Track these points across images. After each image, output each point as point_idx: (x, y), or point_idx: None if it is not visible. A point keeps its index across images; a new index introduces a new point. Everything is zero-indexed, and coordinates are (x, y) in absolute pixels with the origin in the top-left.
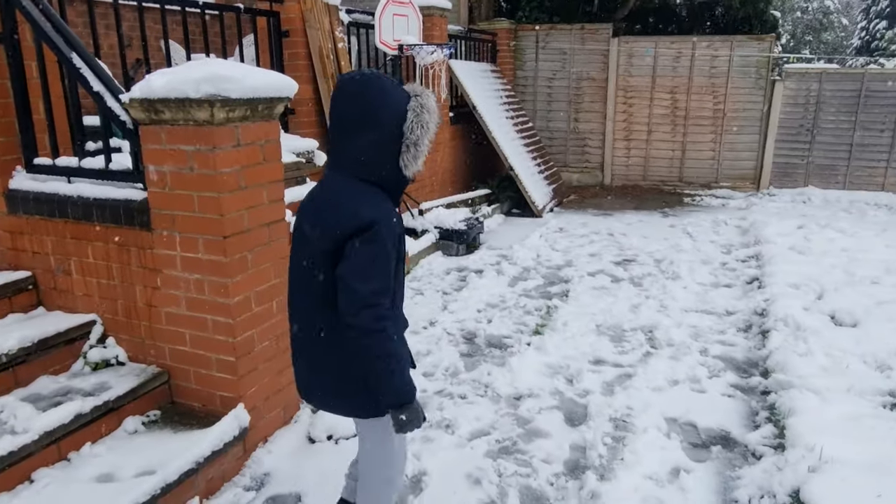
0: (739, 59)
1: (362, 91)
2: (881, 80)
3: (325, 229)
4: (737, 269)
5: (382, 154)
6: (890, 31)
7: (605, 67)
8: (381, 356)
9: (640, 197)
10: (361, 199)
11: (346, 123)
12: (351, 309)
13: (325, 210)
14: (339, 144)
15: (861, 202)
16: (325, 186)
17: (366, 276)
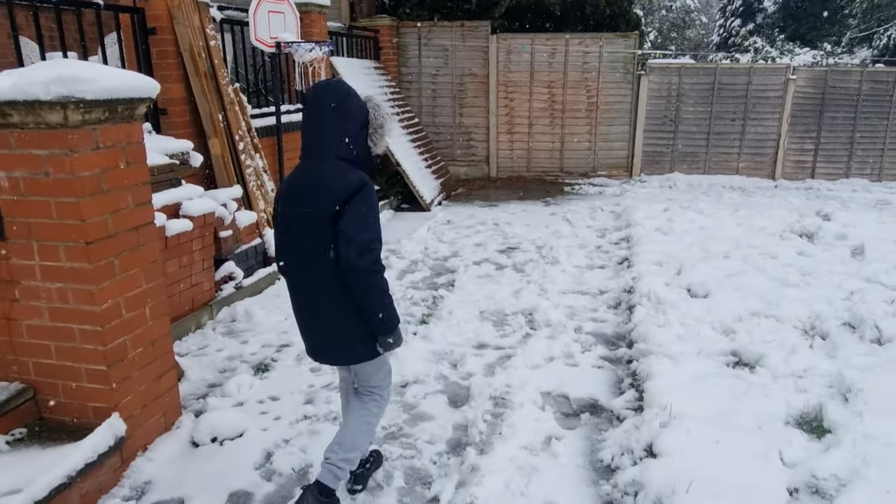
0: (608, 55)
1: (337, 93)
2: (731, 74)
3: (327, 199)
4: (610, 251)
5: (357, 138)
6: (744, 28)
7: (486, 64)
8: (380, 292)
9: (525, 187)
10: (347, 171)
11: (326, 118)
12: (353, 255)
13: (324, 185)
14: (318, 135)
15: (718, 185)
16: (313, 169)
17: (363, 227)
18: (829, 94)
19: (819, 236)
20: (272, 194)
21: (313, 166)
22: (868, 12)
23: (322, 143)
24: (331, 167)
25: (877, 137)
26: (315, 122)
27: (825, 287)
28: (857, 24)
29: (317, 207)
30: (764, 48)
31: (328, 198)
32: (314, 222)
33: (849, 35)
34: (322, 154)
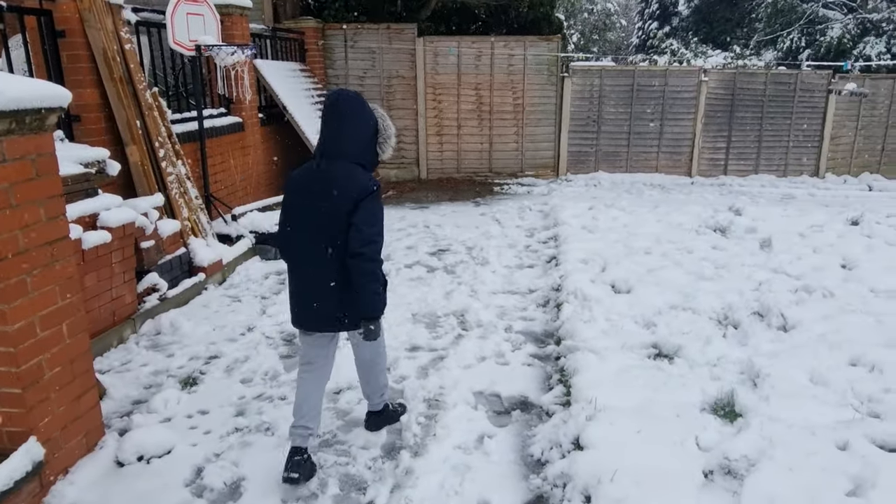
0: (533, 58)
1: (356, 103)
2: (649, 76)
3: (346, 197)
4: (538, 250)
5: (368, 145)
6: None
7: (414, 66)
8: (375, 279)
9: (455, 189)
10: (362, 175)
11: (345, 125)
12: (360, 243)
13: (342, 185)
14: (336, 140)
15: (640, 183)
16: (329, 169)
17: (372, 222)
18: (738, 96)
19: (731, 230)
20: (197, 201)
21: (329, 167)
22: (772, 17)
23: (339, 147)
24: (347, 169)
25: (781, 136)
26: (335, 127)
27: (737, 279)
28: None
29: (335, 203)
30: (679, 50)
31: (347, 196)
32: (330, 215)
33: (756, 38)
34: (338, 156)
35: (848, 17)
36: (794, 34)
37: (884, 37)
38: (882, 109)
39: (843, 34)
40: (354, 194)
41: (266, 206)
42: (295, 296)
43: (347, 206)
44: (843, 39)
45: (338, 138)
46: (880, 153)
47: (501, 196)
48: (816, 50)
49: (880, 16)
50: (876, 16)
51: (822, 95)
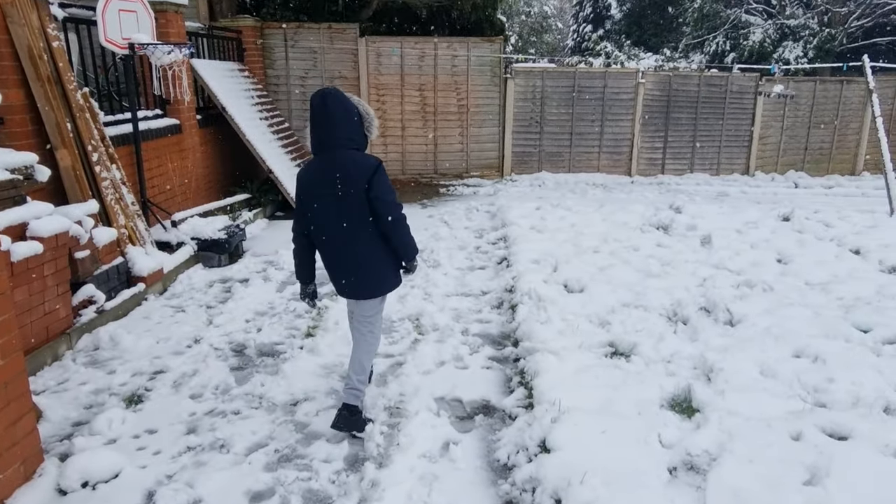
0: (476, 59)
1: (339, 99)
2: (589, 77)
3: (358, 176)
4: (489, 251)
5: (358, 131)
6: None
7: (356, 66)
8: (408, 232)
9: (401, 191)
10: (362, 157)
11: (334, 119)
12: (389, 209)
13: (350, 169)
14: (331, 133)
15: (583, 182)
16: (336, 158)
17: (390, 190)
18: (674, 97)
19: (673, 228)
20: (133, 208)
21: (330, 157)
22: (698, 21)
23: (335, 139)
24: (348, 156)
25: (714, 136)
26: (327, 123)
27: (682, 275)
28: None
29: (350, 185)
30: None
31: (358, 177)
32: (350, 196)
33: (684, 42)
34: (335, 147)
35: (768, 22)
36: (720, 38)
37: (800, 41)
38: (805, 111)
39: (764, 38)
40: (365, 173)
41: (207, 212)
42: (330, 272)
43: (362, 185)
44: (764, 44)
45: (332, 131)
46: (804, 152)
47: (448, 197)
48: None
49: (797, 22)
50: (793, 22)
51: (751, 97)
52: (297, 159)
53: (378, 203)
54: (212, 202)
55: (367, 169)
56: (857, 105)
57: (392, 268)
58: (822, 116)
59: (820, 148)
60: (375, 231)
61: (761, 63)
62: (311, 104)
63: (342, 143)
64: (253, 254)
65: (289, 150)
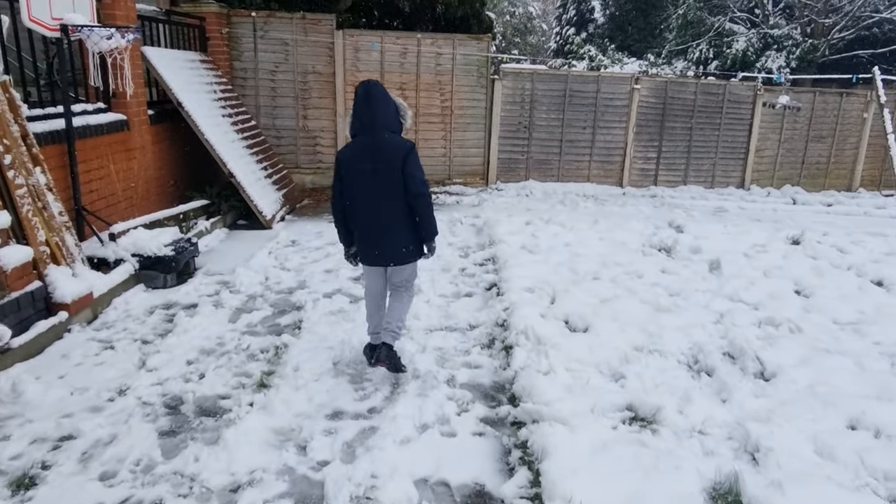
0: (462, 58)
1: (380, 89)
2: (582, 81)
3: (394, 155)
4: (476, 274)
5: (395, 118)
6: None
7: (332, 61)
8: (432, 209)
9: None
10: (398, 139)
11: (379, 106)
12: (418, 185)
13: (388, 148)
14: (373, 118)
15: (573, 193)
16: (375, 141)
17: (420, 169)
18: (669, 105)
19: (676, 250)
20: (61, 219)
21: (370, 138)
22: (682, 28)
23: (376, 122)
24: (387, 137)
25: (709, 147)
26: (368, 109)
27: (695, 308)
28: (674, 38)
29: (388, 162)
30: (597, 56)
31: (395, 155)
32: (387, 172)
33: (667, 48)
34: (377, 129)
35: (751, 31)
36: (703, 45)
37: (783, 51)
38: (803, 123)
39: (748, 47)
40: (401, 152)
41: (155, 222)
42: (363, 242)
43: (397, 163)
44: (748, 52)
45: (373, 116)
46: (801, 166)
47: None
48: (723, 61)
49: (781, 32)
50: (777, 32)
51: (748, 107)
52: (263, 161)
53: (409, 179)
54: (163, 210)
55: (402, 149)
56: (855, 119)
57: (417, 243)
58: (820, 129)
59: (817, 162)
60: (406, 206)
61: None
62: (356, 92)
63: (381, 126)
64: (206, 272)
65: (255, 152)
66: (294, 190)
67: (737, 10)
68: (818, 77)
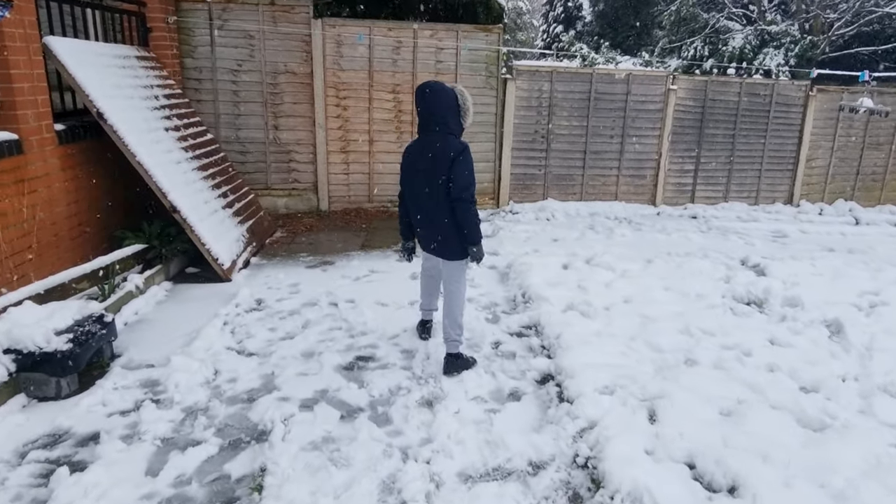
0: (468, 53)
1: (438, 89)
2: (609, 81)
3: (444, 157)
4: (517, 353)
5: (454, 119)
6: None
7: (309, 58)
8: (475, 215)
9: (368, 226)
10: (454, 140)
11: (437, 107)
12: (459, 190)
13: (442, 149)
14: (432, 118)
15: (601, 216)
16: (430, 140)
17: (467, 174)
18: (710, 109)
19: (769, 303)
20: None
21: (428, 139)
22: (675, 25)
23: (434, 123)
24: (443, 138)
25: (754, 157)
26: (431, 109)
27: (859, 421)
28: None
29: (440, 162)
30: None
31: (445, 157)
32: (435, 172)
33: (660, 45)
34: (432, 131)
35: (748, 28)
36: (698, 43)
37: (782, 48)
38: (858, 129)
39: (745, 44)
40: (451, 154)
41: (56, 288)
42: (419, 231)
43: (447, 165)
44: (745, 50)
45: (430, 118)
46: (854, 178)
47: None
48: (720, 59)
49: (778, 28)
50: (774, 28)
51: (798, 110)
52: (221, 186)
53: (452, 182)
54: (76, 266)
55: (455, 150)
56: None
57: (463, 241)
58: (877, 135)
59: (873, 173)
60: (450, 207)
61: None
62: (416, 93)
63: (435, 126)
64: (127, 363)
65: (211, 174)
66: (263, 220)
67: (732, 7)
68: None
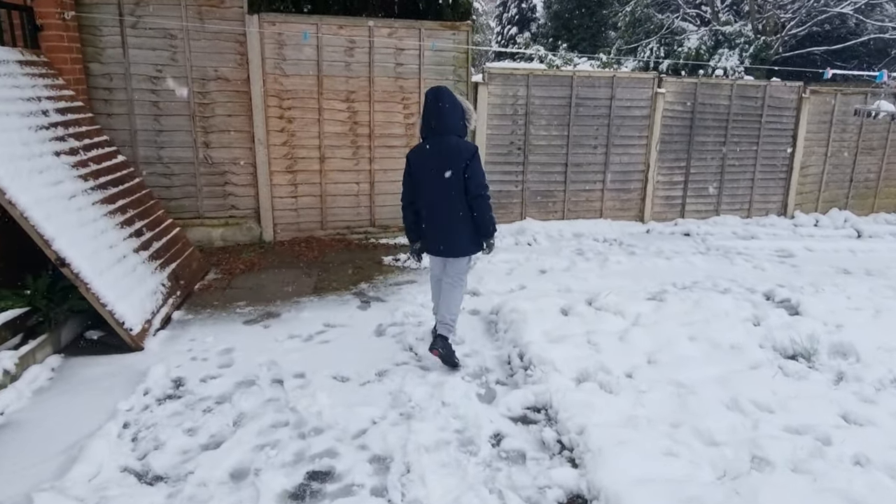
0: (433, 55)
1: (446, 94)
2: (591, 85)
3: (459, 158)
4: (527, 453)
5: (461, 122)
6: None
7: (245, 61)
8: (489, 208)
9: (321, 259)
10: (463, 142)
11: (446, 112)
12: (478, 187)
13: (455, 151)
14: (442, 122)
15: (587, 237)
16: (442, 142)
17: (480, 173)
18: (699, 114)
19: (819, 356)
20: None
21: (439, 141)
22: (630, 26)
23: (444, 127)
24: (453, 141)
25: (746, 166)
26: (439, 114)
27: None
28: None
29: (454, 164)
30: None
31: (460, 158)
32: (451, 173)
33: (616, 46)
34: (444, 133)
35: (703, 29)
36: (653, 44)
37: (736, 49)
38: (852, 133)
39: (700, 45)
40: (466, 155)
41: None
42: (429, 236)
43: (461, 165)
44: (700, 50)
45: (441, 121)
46: (848, 186)
47: (398, 275)
48: (675, 60)
49: (732, 29)
50: (728, 29)
51: (791, 114)
52: (136, 220)
53: (469, 181)
54: None
55: (467, 153)
56: None
57: (474, 239)
58: (870, 139)
59: (866, 179)
60: (466, 205)
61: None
62: (426, 97)
63: (448, 130)
64: None
65: (120, 208)
66: (191, 260)
67: (687, 8)
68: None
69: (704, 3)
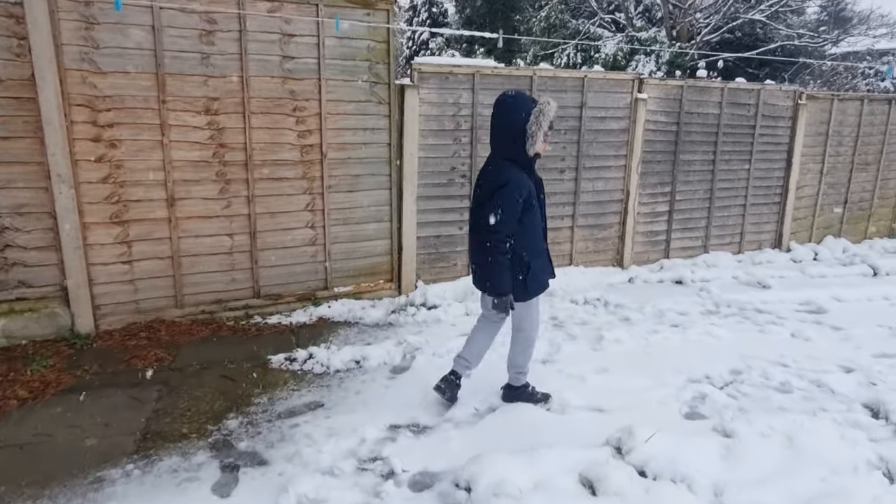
0: (337, 44)
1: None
2: (557, 88)
3: (490, 184)
4: None
5: (513, 146)
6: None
7: (24, 50)
8: (497, 259)
9: (170, 366)
10: (503, 169)
11: (497, 128)
12: (488, 227)
13: (491, 177)
14: (493, 140)
15: (559, 295)
16: (488, 164)
17: (500, 210)
18: (686, 125)
19: None
20: None
21: (490, 162)
22: (545, 32)
23: (493, 148)
24: (498, 164)
25: (738, 188)
26: (491, 132)
27: None
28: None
29: (485, 192)
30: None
31: (489, 188)
32: (484, 199)
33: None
34: (493, 154)
35: (619, 35)
36: (570, 50)
37: (652, 56)
38: (848, 146)
39: (617, 51)
40: (494, 185)
41: None
42: (473, 261)
43: (489, 195)
44: (617, 56)
45: (492, 140)
46: (843, 208)
47: (294, 392)
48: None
49: (647, 35)
50: (643, 35)
51: (786, 124)
52: None
53: (486, 216)
54: None
55: (499, 181)
56: None
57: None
58: (865, 153)
59: (860, 200)
60: None
61: None
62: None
63: (498, 152)
64: None
65: None
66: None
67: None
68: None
69: (619, 10)
